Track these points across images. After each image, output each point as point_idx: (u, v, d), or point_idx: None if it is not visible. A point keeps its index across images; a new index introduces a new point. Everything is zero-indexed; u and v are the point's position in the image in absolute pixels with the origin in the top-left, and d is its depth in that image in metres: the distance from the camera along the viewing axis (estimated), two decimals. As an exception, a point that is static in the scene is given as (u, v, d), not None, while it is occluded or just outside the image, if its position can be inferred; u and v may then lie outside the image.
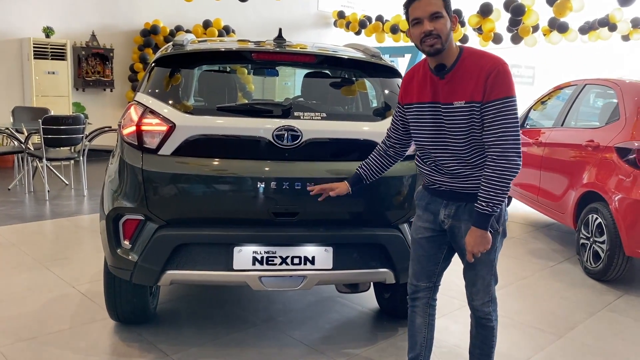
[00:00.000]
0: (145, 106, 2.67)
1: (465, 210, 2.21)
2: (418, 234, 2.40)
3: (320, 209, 2.68)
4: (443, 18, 2.06)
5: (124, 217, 2.67)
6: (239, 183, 2.62)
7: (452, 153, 2.18)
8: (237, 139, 2.64)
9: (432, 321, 2.49)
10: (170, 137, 2.59)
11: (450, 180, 2.23)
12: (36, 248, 4.62)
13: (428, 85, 2.19)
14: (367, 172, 2.53)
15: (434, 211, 2.32)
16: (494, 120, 2.04)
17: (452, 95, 2.11)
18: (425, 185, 2.37)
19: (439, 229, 2.33)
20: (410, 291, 2.48)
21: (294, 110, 2.71)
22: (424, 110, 2.21)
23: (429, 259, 2.41)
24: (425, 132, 2.23)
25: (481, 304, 2.32)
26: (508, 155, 2.04)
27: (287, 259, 2.68)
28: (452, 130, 2.14)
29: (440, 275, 2.45)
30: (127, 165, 2.64)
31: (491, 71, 2.03)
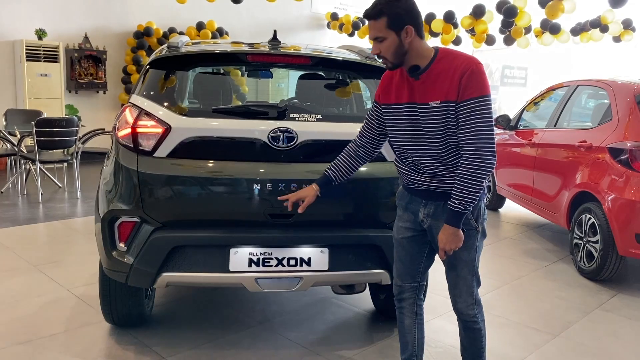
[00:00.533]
0: (140, 108, 2.67)
1: (444, 209, 2.21)
2: (399, 234, 2.41)
3: (315, 210, 2.67)
4: (386, 40, 2.10)
5: (119, 219, 2.66)
6: (234, 185, 2.62)
7: (429, 153, 2.19)
8: (233, 141, 2.64)
9: (421, 320, 2.49)
10: (166, 139, 2.59)
11: (429, 179, 2.24)
12: (30, 251, 4.59)
13: (405, 86, 2.21)
14: (337, 173, 2.50)
15: (414, 211, 2.33)
16: (468, 119, 2.06)
17: (427, 95, 2.13)
18: (405, 185, 2.38)
19: (420, 228, 2.34)
20: (396, 292, 2.48)
21: (290, 112, 2.72)
22: (401, 111, 2.23)
23: (411, 259, 2.41)
24: (402, 132, 2.24)
25: (465, 306, 2.31)
26: (481, 153, 2.05)
27: (283, 261, 2.68)
28: (429, 130, 2.15)
29: (424, 274, 2.45)
30: (123, 167, 2.64)
31: (465, 71, 2.05)
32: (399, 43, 2.10)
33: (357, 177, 2.69)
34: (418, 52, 2.13)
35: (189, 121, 2.64)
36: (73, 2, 9.11)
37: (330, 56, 2.99)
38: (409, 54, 2.12)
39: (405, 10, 2.08)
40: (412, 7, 2.11)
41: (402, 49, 2.11)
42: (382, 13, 2.07)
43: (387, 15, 2.07)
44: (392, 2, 2.07)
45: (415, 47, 2.11)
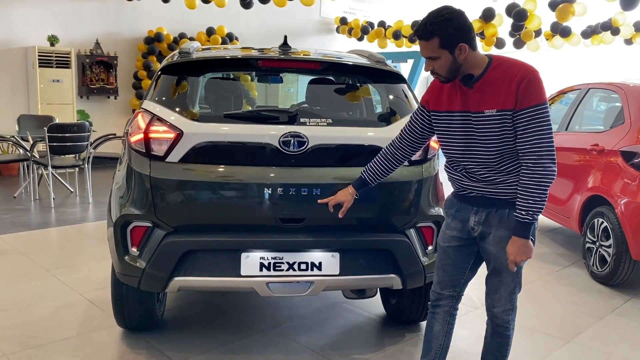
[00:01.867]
0: (152, 114, 2.69)
1: (496, 216, 2.20)
2: (445, 242, 2.39)
3: (326, 214, 2.68)
4: (439, 59, 2.09)
5: (131, 224, 2.68)
6: (245, 189, 2.63)
7: (483, 161, 2.17)
8: (244, 146, 2.65)
9: (451, 330, 2.47)
10: (178, 144, 2.61)
11: (481, 186, 2.22)
12: (42, 255, 4.63)
13: (458, 94, 2.19)
14: (373, 175, 2.52)
15: (463, 218, 2.30)
16: (528, 128, 2.04)
17: (482, 104, 2.11)
18: (455, 192, 2.37)
19: (467, 237, 2.31)
20: (432, 298, 2.46)
21: (300, 117, 2.72)
22: (454, 119, 2.21)
23: (455, 268, 2.39)
24: (455, 140, 2.23)
25: (502, 311, 2.31)
26: (544, 162, 2.04)
27: (294, 265, 2.68)
28: (484, 139, 2.14)
29: (465, 284, 2.43)
30: (135, 172, 2.66)
31: (522, 79, 2.04)
32: (453, 61, 2.08)
33: None
34: (472, 63, 2.10)
35: (200, 126, 2.65)
36: (84, 8, 9.20)
37: (340, 61, 2.99)
38: (463, 66, 2.10)
39: (457, 28, 2.03)
40: (464, 24, 2.05)
41: (456, 65, 2.09)
42: (433, 34, 2.04)
43: (438, 36, 2.04)
44: (443, 22, 2.02)
45: (469, 59, 2.09)
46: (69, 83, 8.80)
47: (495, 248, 2.22)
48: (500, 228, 2.19)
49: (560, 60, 11.77)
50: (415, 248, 2.79)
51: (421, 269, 2.80)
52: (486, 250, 2.27)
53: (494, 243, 2.22)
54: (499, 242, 2.20)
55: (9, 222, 5.68)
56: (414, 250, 2.78)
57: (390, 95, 3.02)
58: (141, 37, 9.87)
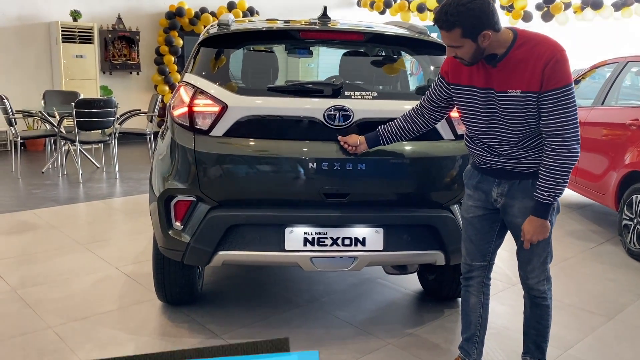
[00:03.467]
0: (195, 87, 2.65)
1: (519, 187, 2.20)
2: (469, 213, 2.39)
3: (370, 190, 2.66)
4: (463, 47, 2.02)
5: (175, 198, 2.67)
6: (289, 164, 2.60)
7: (505, 138, 2.16)
8: (288, 120, 2.62)
9: (487, 300, 2.48)
10: (222, 118, 2.58)
11: (503, 160, 2.21)
12: (75, 230, 4.68)
13: (481, 70, 2.14)
14: (389, 135, 2.51)
15: (486, 190, 2.30)
16: (553, 110, 2.00)
17: (506, 84, 2.07)
18: (476, 165, 2.34)
19: (491, 207, 2.31)
20: (464, 270, 2.47)
21: (345, 90, 2.67)
22: (476, 95, 2.17)
23: (482, 238, 2.39)
24: (477, 117, 2.20)
25: (536, 282, 2.31)
26: (569, 144, 2.01)
27: (338, 240, 2.66)
28: (507, 118, 2.11)
29: (494, 253, 2.44)
30: (179, 146, 2.64)
31: (549, 60, 1.98)
32: (477, 48, 2.02)
33: (413, 156, 2.66)
34: (496, 44, 2.04)
35: (244, 100, 2.62)
36: (106, -17, 9.13)
37: (384, 32, 2.92)
38: (487, 49, 2.04)
39: (479, 16, 1.96)
40: (486, 9, 1.96)
41: (479, 51, 2.04)
42: (454, 25, 1.97)
43: (460, 27, 1.97)
44: (465, 11, 1.94)
45: (493, 42, 2.03)
46: (92, 58, 8.79)
47: (522, 219, 2.20)
48: (526, 199, 2.18)
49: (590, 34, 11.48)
50: (459, 224, 2.75)
51: (465, 245, 2.77)
52: (513, 222, 2.25)
53: (520, 214, 2.21)
54: (525, 213, 2.18)
55: (40, 197, 5.73)
56: (458, 226, 2.74)
57: (433, 67, 2.95)
58: (162, 11, 9.79)
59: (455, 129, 2.74)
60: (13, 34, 8.33)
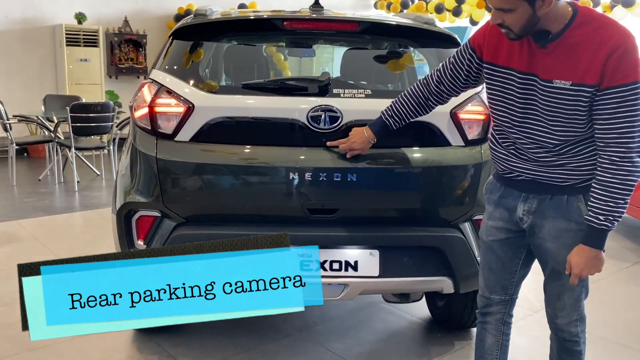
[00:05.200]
0: (160, 84, 2.30)
1: (551, 204, 1.77)
2: (489, 235, 1.96)
3: (364, 204, 2.27)
4: (514, 11, 1.58)
5: (137, 213, 2.32)
6: (267, 174, 2.23)
7: (541, 139, 1.72)
8: (266, 122, 2.25)
9: (507, 342, 2.05)
10: (189, 120, 2.22)
11: (533, 167, 1.77)
12: (58, 243, 4.35)
13: (525, 49, 1.70)
14: (398, 118, 2.09)
15: (510, 207, 1.86)
16: (617, 113, 1.58)
17: (554, 71, 1.64)
18: (499, 174, 1.91)
19: (516, 228, 1.88)
20: (481, 304, 2.04)
21: (333, 87, 2.28)
22: (513, 81, 1.73)
23: (503, 267, 1.96)
24: (509, 109, 1.77)
25: (567, 322, 1.88)
26: (632, 156, 1.59)
27: (325, 264, 2.27)
28: (548, 114, 1.68)
29: (517, 285, 2.00)
30: (140, 153, 2.29)
31: (615, 48, 1.55)
32: (532, 14, 1.58)
33: (414, 164, 2.26)
34: (552, 17, 1.60)
35: (215, 99, 2.25)
36: (113, -15, 8.91)
37: (383, 21, 2.52)
38: (541, 21, 1.61)
39: None
40: None
41: (533, 20, 1.60)
42: None
43: None
44: None
45: (550, 12, 1.59)
46: (97, 62, 8.54)
47: (553, 244, 1.78)
48: (558, 219, 1.76)
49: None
50: (471, 245, 2.34)
51: (477, 270, 2.34)
52: (541, 247, 1.82)
53: (551, 238, 1.78)
54: (558, 237, 1.77)
55: (30, 207, 5.44)
56: (469, 247, 2.33)
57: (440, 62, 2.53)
58: (171, 14, 9.52)
59: (465, 134, 2.32)
60: (16, 37, 8.13)
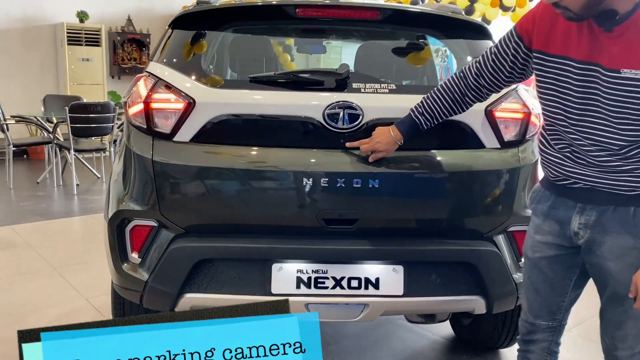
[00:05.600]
0: (157, 78, 2.05)
1: (614, 217, 1.50)
2: (536, 252, 1.69)
3: (386, 214, 2.01)
4: None
5: (131, 222, 2.07)
6: (277, 179, 1.97)
7: (604, 140, 1.46)
8: (276, 121, 1.99)
9: None
10: (189, 118, 1.97)
11: (593, 173, 1.51)
12: (52, 250, 4.10)
13: (584, 35, 1.44)
14: (430, 116, 1.85)
15: (562, 219, 1.60)
16: None
17: (622, 59, 1.38)
18: (550, 181, 1.64)
19: (569, 244, 1.61)
20: (524, 331, 1.78)
21: (352, 81, 2.02)
22: (570, 72, 1.47)
23: (552, 288, 1.69)
24: (565, 103, 1.50)
25: (629, 355, 1.59)
26: None
27: (343, 281, 2.01)
28: (613, 111, 1.42)
29: (567, 310, 1.74)
30: (135, 155, 2.03)
31: None
32: None
33: (444, 169, 2.00)
34: None
35: (218, 94, 2.00)
36: (116, -17, 8.69)
37: (406, 9, 2.26)
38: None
39: None
40: None
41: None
42: None
43: None
44: None
45: None
46: (99, 62, 8.33)
47: (616, 264, 1.51)
48: (623, 234, 1.49)
49: None
50: (505, 260, 2.08)
51: (513, 288, 2.10)
52: (600, 267, 1.56)
53: (612, 256, 1.51)
54: (622, 255, 1.50)
55: (27, 211, 5.20)
56: (504, 263, 2.07)
57: (470, 54, 2.28)
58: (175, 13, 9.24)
59: (501, 134, 2.06)
60: (17, 36, 7.93)
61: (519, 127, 2.07)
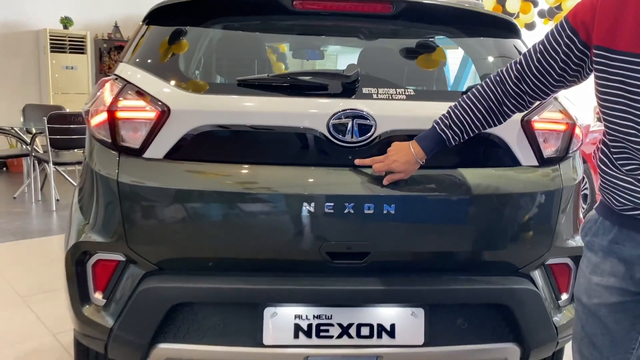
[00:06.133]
0: (126, 81, 1.70)
1: None
2: (592, 296, 1.34)
3: (405, 246, 1.67)
4: None
5: (93, 257, 1.71)
6: (272, 204, 1.63)
7: None
8: (270, 133, 1.65)
9: None
10: (163, 130, 1.63)
11: None
12: (21, 276, 3.71)
13: None
14: (461, 129, 1.51)
15: (629, 258, 1.25)
16: None
17: None
18: (613, 209, 1.29)
19: (636, 289, 1.27)
20: None
21: (363, 85, 1.68)
22: None
23: (614, 343, 1.34)
24: (637, 113, 1.16)
25: None
26: None
27: (351, 329, 1.67)
28: None
29: None
30: (97, 175, 1.68)
31: None
32: None
33: (472, 192, 1.66)
34: None
35: (199, 101, 1.65)
36: (103, -12, 8.37)
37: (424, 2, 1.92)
38: None
39: None
40: None
41: None
42: None
43: None
44: None
45: None
46: (84, 70, 7.97)
47: None
48: None
49: None
50: (544, 300, 1.74)
51: (553, 333, 1.76)
52: None
53: None
54: None
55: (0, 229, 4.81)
56: (543, 303, 1.73)
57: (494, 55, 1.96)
58: (164, 20, 8.98)
59: (540, 150, 1.73)
60: (-2, 43, 7.56)
61: (561, 141, 1.74)
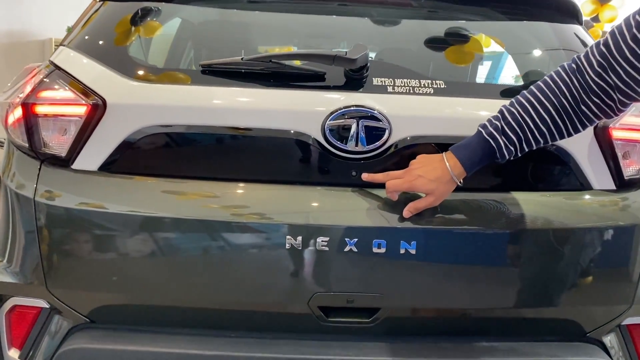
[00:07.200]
0: (55, 66, 1.29)
1: None
2: None
3: (429, 299, 1.25)
4: None
5: (7, 302, 1.33)
6: (244, 236, 1.21)
7: None
8: (242, 138, 1.23)
9: None
10: (98, 131, 1.22)
11: None
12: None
13: None
14: (524, 136, 1.10)
15: None
16: None
17: None
18: None
19: None
20: None
21: (373, 74, 1.23)
22: None
23: None
24: None
25: None
26: None
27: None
28: None
29: None
30: (10, 193, 1.27)
31: None
32: None
33: (524, 225, 1.24)
34: None
35: (146, 92, 1.22)
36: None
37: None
38: None
39: None
40: None
41: None
42: None
43: None
44: None
45: None
46: (90, 81, 7.80)
47: None
48: None
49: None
50: (623, 377, 1.29)
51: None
52: None
53: None
54: None
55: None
56: (621, 381, 1.27)
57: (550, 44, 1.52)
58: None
59: (620, 168, 1.28)
60: (1, 53, 7.46)
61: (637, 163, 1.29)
